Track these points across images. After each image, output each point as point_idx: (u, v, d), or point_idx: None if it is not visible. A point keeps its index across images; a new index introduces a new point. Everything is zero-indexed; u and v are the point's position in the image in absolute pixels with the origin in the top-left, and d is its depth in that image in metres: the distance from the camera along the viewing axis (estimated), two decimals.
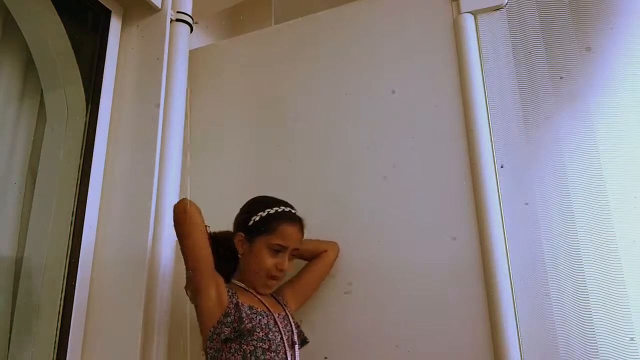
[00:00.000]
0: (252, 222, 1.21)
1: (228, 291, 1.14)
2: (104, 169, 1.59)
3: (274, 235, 1.18)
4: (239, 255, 1.23)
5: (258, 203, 1.26)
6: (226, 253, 1.24)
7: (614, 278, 1.13)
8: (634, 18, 1.30)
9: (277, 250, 1.18)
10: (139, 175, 1.54)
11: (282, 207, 1.23)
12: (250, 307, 1.14)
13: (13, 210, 1.51)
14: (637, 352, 1.08)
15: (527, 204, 1.26)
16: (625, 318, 1.10)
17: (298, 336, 1.19)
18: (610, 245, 1.15)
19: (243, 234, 1.22)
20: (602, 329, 1.11)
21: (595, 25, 1.32)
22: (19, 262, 1.46)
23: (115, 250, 1.50)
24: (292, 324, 1.20)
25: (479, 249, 1.25)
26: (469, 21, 1.44)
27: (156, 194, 1.52)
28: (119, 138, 1.62)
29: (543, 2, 1.39)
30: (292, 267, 1.25)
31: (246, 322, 1.09)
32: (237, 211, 1.57)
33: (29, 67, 1.61)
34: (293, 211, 1.25)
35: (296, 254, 1.26)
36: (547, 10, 1.38)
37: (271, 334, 1.12)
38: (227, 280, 1.23)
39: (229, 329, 1.09)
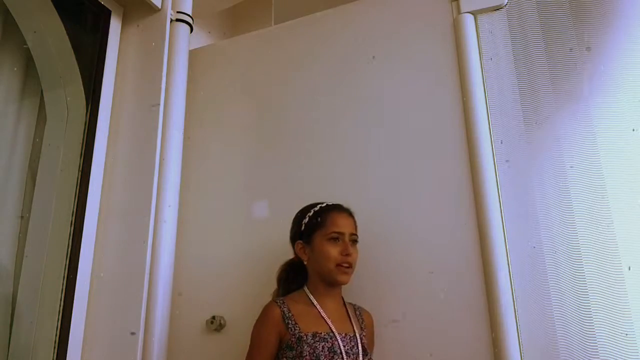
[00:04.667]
0: (303, 226, 1.25)
1: (287, 324, 1.15)
2: (104, 169, 1.59)
3: (327, 226, 1.21)
4: (305, 263, 1.24)
5: (302, 210, 1.28)
6: (296, 275, 1.27)
7: (614, 278, 1.13)
8: (634, 18, 1.30)
9: (335, 239, 1.20)
10: (139, 175, 1.54)
11: (325, 203, 1.27)
12: (314, 335, 1.12)
13: (13, 211, 1.51)
14: (637, 352, 1.08)
15: (527, 204, 1.26)
16: (625, 318, 1.10)
17: (363, 357, 1.16)
18: (610, 245, 1.15)
19: (301, 241, 1.25)
20: (602, 329, 1.11)
21: (595, 25, 1.32)
22: (19, 262, 1.46)
23: (116, 250, 1.50)
24: (360, 344, 1.16)
25: (479, 248, 1.25)
26: (469, 21, 1.44)
27: (156, 193, 1.52)
28: (119, 138, 1.62)
29: (543, 2, 1.39)
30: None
31: (306, 354, 1.09)
32: (236, 210, 1.58)
33: (29, 67, 1.61)
34: (337, 203, 1.28)
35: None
36: (547, 10, 1.38)
37: (336, 357, 1.11)
38: (293, 289, 1.25)
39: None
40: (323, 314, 1.17)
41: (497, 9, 1.43)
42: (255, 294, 1.37)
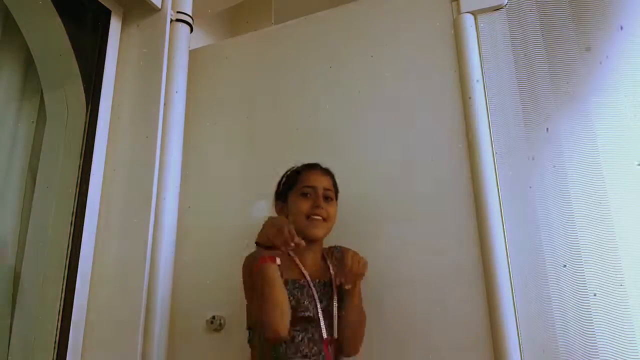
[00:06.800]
0: (280, 186, 1.28)
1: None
2: (104, 169, 1.59)
3: (299, 184, 1.23)
4: None
5: (283, 174, 1.31)
6: None
7: (614, 278, 1.13)
8: (634, 18, 1.30)
9: (306, 194, 1.21)
10: (139, 175, 1.54)
11: (301, 164, 1.29)
12: (293, 282, 1.14)
13: (13, 211, 1.51)
14: (637, 352, 1.08)
15: (527, 203, 1.26)
16: (626, 318, 1.10)
17: (338, 301, 1.18)
18: (610, 245, 1.15)
19: (279, 201, 1.27)
20: (602, 329, 1.11)
21: (595, 25, 1.32)
22: (19, 263, 1.46)
23: (116, 250, 1.50)
24: (334, 289, 1.18)
25: (479, 249, 1.25)
26: (469, 21, 1.44)
27: (156, 193, 1.52)
28: (119, 138, 1.62)
29: (543, 2, 1.39)
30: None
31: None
32: (236, 210, 1.58)
33: (29, 67, 1.62)
34: (314, 163, 1.29)
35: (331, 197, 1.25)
36: (547, 10, 1.38)
37: (307, 302, 1.12)
38: None
39: None
40: (298, 263, 1.19)
41: (497, 9, 1.43)
42: None
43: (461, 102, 1.38)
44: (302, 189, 1.22)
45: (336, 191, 1.28)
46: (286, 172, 1.30)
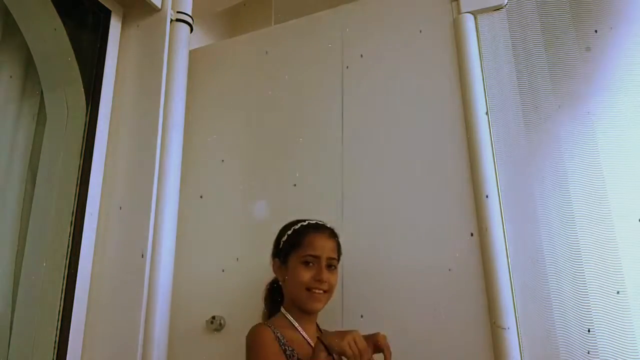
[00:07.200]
0: (281, 244, 1.19)
1: (285, 351, 1.06)
2: (104, 169, 1.59)
3: (302, 248, 1.14)
4: (281, 283, 1.20)
5: (285, 226, 1.22)
6: (279, 295, 1.22)
7: (614, 278, 1.13)
8: (634, 18, 1.30)
9: (309, 262, 1.14)
10: (139, 175, 1.54)
11: (308, 221, 1.20)
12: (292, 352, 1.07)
13: (13, 211, 1.51)
14: (637, 352, 1.08)
15: (527, 204, 1.26)
16: (626, 318, 1.10)
17: None
18: (610, 245, 1.15)
19: (278, 260, 1.20)
20: (602, 329, 1.11)
21: (595, 25, 1.32)
22: (19, 262, 1.46)
23: (116, 250, 1.50)
24: None
25: (479, 249, 1.25)
26: (469, 21, 1.44)
27: (156, 193, 1.52)
28: (119, 138, 1.62)
29: (543, 2, 1.39)
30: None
31: None
32: (236, 210, 1.58)
33: (29, 67, 1.61)
34: (320, 222, 1.21)
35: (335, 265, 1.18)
36: (547, 10, 1.38)
37: None
38: (278, 309, 1.19)
39: None
40: (308, 339, 1.13)
41: (497, 9, 1.43)
42: (255, 294, 1.37)
43: (461, 102, 1.38)
44: (304, 257, 1.13)
45: (339, 255, 1.20)
46: (287, 228, 1.20)
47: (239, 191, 1.60)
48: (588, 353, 1.11)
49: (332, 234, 1.20)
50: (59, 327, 1.40)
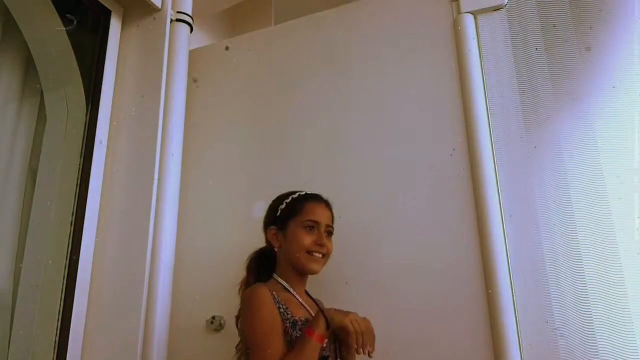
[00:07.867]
0: (279, 212, 1.23)
1: (279, 308, 1.10)
2: (104, 169, 1.59)
3: (303, 214, 1.20)
4: (276, 250, 1.22)
5: (280, 196, 1.27)
6: (267, 263, 1.24)
7: (614, 278, 1.13)
8: (634, 18, 1.30)
9: (311, 227, 1.19)
10: (139, 175, 1.54)
11: (305, 192, 1.26)
12: (303, 321, 1.10)
13: (13, 211, 1.51)
14: (637, 352, 1.08)
15: (527, 204, 1.26)
16: (626, 318, 1.10)
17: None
18: (610, 245, 1.15)
19: (274, 227, 1.23)
20: (602, 329, 1.11)
21: (595, 25, 1.32)
22: (19, 262, 1.46)
23: (116, 249, 1.50)
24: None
25: (479, 249, 1.25)
26: (469, 21, 1.44)
27: (156, 193, 1.52)
28: (119, 138, 1.62)
29: (543, 2, 1.39)
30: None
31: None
32: (236, 210, 1.58)
33: (29, 67, 1.61)
34: (316, 193, 1.27)
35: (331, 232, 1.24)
36: (547, 10, 1.38)
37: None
38: (265, 278, 1.21)
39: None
40: (302, 301, 1.18)
41: (497, 9, 1.43)
42: None
43: (461, 102, 1.38)
44: (306, 221, 1.19)
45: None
46: (284, 197, 1.25)
47: (239, 191, 1.60)
48: (588, 353, 1.11)
49: (328, 204, 1.26)
50: (59, 327, 1.40)
